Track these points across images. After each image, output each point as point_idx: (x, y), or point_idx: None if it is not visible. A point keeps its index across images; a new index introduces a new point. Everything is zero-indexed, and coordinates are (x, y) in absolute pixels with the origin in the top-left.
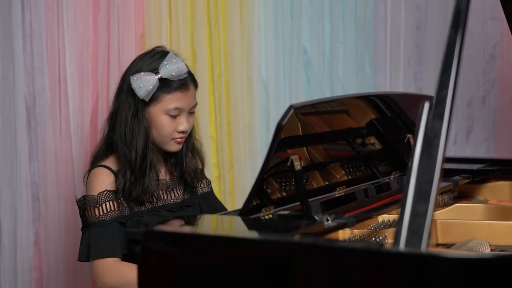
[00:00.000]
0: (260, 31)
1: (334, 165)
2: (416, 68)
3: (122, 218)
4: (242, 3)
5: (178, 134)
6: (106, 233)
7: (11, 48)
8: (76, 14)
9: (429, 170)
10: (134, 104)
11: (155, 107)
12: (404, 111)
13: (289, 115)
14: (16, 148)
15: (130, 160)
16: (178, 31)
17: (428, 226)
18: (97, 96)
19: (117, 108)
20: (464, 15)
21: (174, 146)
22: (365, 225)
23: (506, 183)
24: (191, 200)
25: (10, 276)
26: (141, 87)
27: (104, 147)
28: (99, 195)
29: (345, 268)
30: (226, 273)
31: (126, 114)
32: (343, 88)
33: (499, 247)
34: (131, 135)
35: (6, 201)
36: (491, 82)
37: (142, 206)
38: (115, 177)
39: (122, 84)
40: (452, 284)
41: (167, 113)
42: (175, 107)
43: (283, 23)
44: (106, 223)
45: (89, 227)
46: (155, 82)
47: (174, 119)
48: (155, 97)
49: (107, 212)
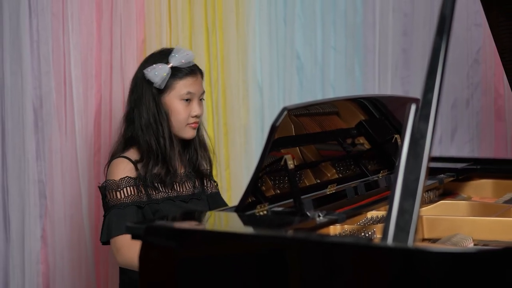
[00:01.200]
0: (255, 37)
1: (326, 164)
2: (403, 72)
3: (141, 203)
4: (238, 10)
5: (192, 119)
6: (126, 214)
7: (19, 53)
8: (81, 21)
9: (415, 169)
10: (151, 94)
11: (170, 94)
12: (392, 113)
13: (283, 116)
14: (24, 148)
15: (157, 147)
16: (177, 36)
17: (414, 222)
18: (101, 98)
19: (133, 105)
20: (448, 21)
21: (189, 132)
22: (354, 221)
23: (489, 181)
24: (201, 195)
25: (19, 269)
26: (156, 75)
27: (122, 143)
28: (121, 180)
29: (336, 262)
30: (223, 266)
31: (147, 106)
32: (334, 91)
33: (482, 242)
34: (155, 123)
35: (14, 198)
36: (475, 86)
37: (159, 193)
38: (134, 166)
39: (135, 84)
40: (437, 277)
41: (181, 98)
42: (187, 91)
43: (277, 29)
44: (126, 205)
45: (110, 209)
46: (167, 70)
47: (188, 103)
48: (168, 85)
49: (127, 195)
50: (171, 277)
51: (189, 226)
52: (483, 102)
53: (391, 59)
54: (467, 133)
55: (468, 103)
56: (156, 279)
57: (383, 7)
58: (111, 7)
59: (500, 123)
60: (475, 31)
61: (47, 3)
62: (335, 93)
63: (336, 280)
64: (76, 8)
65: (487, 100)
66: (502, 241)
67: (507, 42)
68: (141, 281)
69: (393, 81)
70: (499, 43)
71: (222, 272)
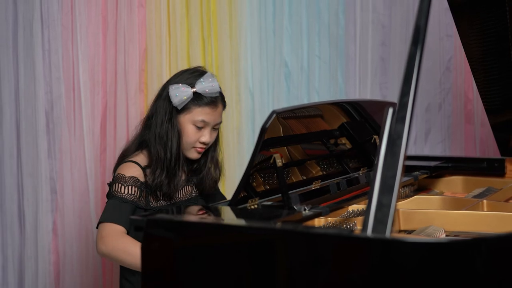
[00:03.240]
0: (247, 47)
1: (311, 162)
2: (381, 78)
3: (139, 205)
4: (231, 22)
5: (199, 144)
6: (121, 207)
7: (32, 61)
8: (88, 32)
9: (392, 166)
10: (169, 110)
11: (185, 116)
12: (371, 116)
13: (272, 119)
14: (37, 148)
15: (164, 158)
16: (176, 47)
17: (391, 215)
18: (106, 103)
19: (154, 111)
20: (423, 33)
21: (194, 154)
22: (337, 214)
23: (459, 177)
24: (198, 198)
25: (33, 258)
26: (176, 96)
27: (136, 144)
28: (130, 177)
29: (320, 251)
30: (218, 255)
31: (162, 118)
32: (319, 96)
33: (453, 233)
34: (166, 136)
35: (28, 194)
36: (446, 91)
37: (158, 202)
38: (143, 172)
39: (162, 92)
40: (413, 265)
41: (194, 124)
42: (202, 119)
43: (266, 40)
44: (125, 201)
45: (110, 199)
46: (190, 94)
47: (199, 130)
48: (187, 107)
49: (129, 193)
50: (171, 265)
51: (187, 219)
52: (454, 106)
53: (371, 67)
54: (440, 134)
55: (441, 107)
56: (157, 267)
57: (363, 20)
58: (116, 20)
59: (469, 125)
60: (447, 41)
61: (57, 16)
62: (319, 97)
63: (321, 268)
64: (84, 20)
65: (458, 105)
66: (471, 232)
67: (476, 51)
68: (143, 269)
69: (372, 86)
70: (469, 52)
71: (217, 260)
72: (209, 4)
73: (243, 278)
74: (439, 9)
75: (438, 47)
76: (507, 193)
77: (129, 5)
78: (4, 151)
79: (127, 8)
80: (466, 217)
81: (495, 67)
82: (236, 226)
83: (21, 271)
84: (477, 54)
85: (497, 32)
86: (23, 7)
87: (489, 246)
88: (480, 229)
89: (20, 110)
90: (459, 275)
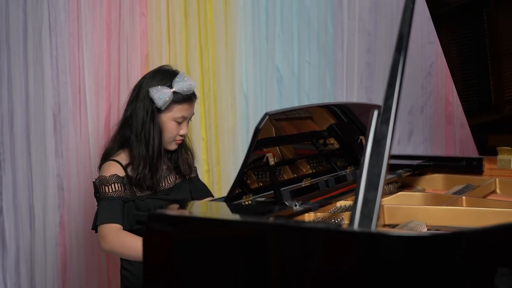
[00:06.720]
0: (241, 54)
1: (301, 161)
2: (367, 83)
3: (125, 199)
4: (227, 30)
5: (179, 136)
6: (111, 206)
7: (41, 66)
8: (93, 39)
9: (377, 165)
10: (150, 111)
11: (166, 114)
12: (358, 118)
13: (265, 121)
14: (45, 147)
15: (146, 156)
16: (175, 53)
17: (377, 210)
18: (110, 106)
19: (133, 112)
20: (406, 40)
21: (173, 146)
22: (326, 209)
23: (440, 175)
24: (182, 184)
25: (42, 250)
26: (160, 98)
27: (117, 144)
28: (110, 176)
29: (310, 244)
30: (214, 248)
31: (143, 118)
32: (309, 99)
33: (434, 227)
34: (148, 135)
35: (37, 191)
36: (428, 95)
37: (143, 192)
38: (123, 169)
39: (138, 93)
40: (396, 256)
41: (175, 120)
42: (182, 115)
43: (260, 46)
44: (112, 198)
45: (100, 201)
46: (170, 94)
47: (179, 124)
48: (168, 106)
49: (114, 191)
50: (171, 258)
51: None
52: (435, 109)
53: (357, 72)
54: (422, 135)
55: (423, 109)
56: (158, 259)
57: (350, 28)
58: (119, 28)
59: (450, 127)
60: (429, 48)
61: (64, 25)
62: (309, 100)
63: (310, 260)
64: (89, 28)
65: (439, 107)
66: (452, 226)
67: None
68: (144, 261)
69: (358, 90)
70: (449, 58)
71: (214, 253)
72: (206, 14)
73: (238, 269)
74: (421, 18)
75: (420, 54)
76: (485, 190)
77: (131, 14)
78: (15, 151)
79: (129, 17)
80: (446, 212)
81: (473, 73)
82: (232, 220)
83: (32, 261)
84: (457, 60)
85: (476, 40)
86: (32, 16)
87: (468, 239)
88: (460, 223)
89: (29, 113)
90: (440, 266)
